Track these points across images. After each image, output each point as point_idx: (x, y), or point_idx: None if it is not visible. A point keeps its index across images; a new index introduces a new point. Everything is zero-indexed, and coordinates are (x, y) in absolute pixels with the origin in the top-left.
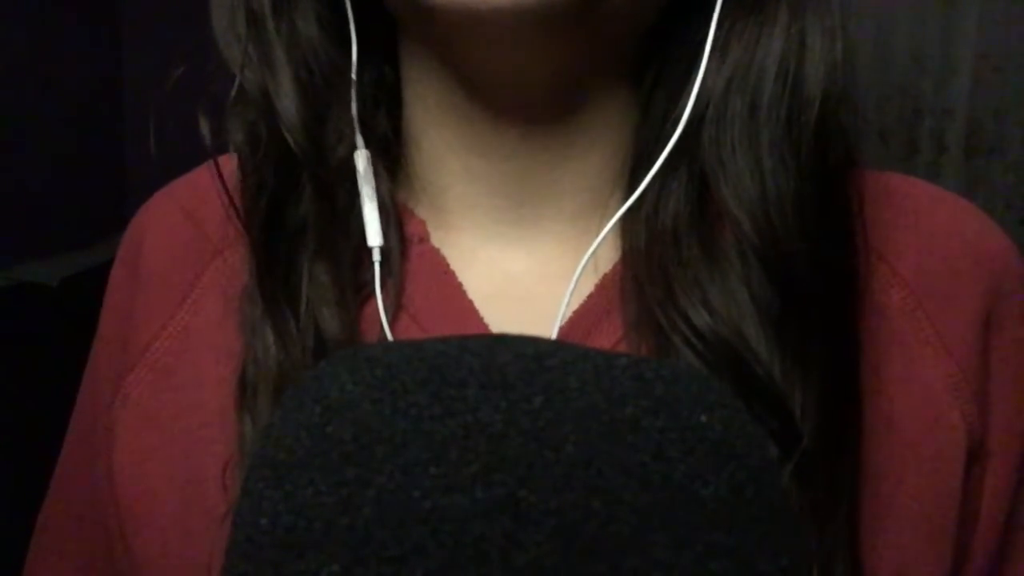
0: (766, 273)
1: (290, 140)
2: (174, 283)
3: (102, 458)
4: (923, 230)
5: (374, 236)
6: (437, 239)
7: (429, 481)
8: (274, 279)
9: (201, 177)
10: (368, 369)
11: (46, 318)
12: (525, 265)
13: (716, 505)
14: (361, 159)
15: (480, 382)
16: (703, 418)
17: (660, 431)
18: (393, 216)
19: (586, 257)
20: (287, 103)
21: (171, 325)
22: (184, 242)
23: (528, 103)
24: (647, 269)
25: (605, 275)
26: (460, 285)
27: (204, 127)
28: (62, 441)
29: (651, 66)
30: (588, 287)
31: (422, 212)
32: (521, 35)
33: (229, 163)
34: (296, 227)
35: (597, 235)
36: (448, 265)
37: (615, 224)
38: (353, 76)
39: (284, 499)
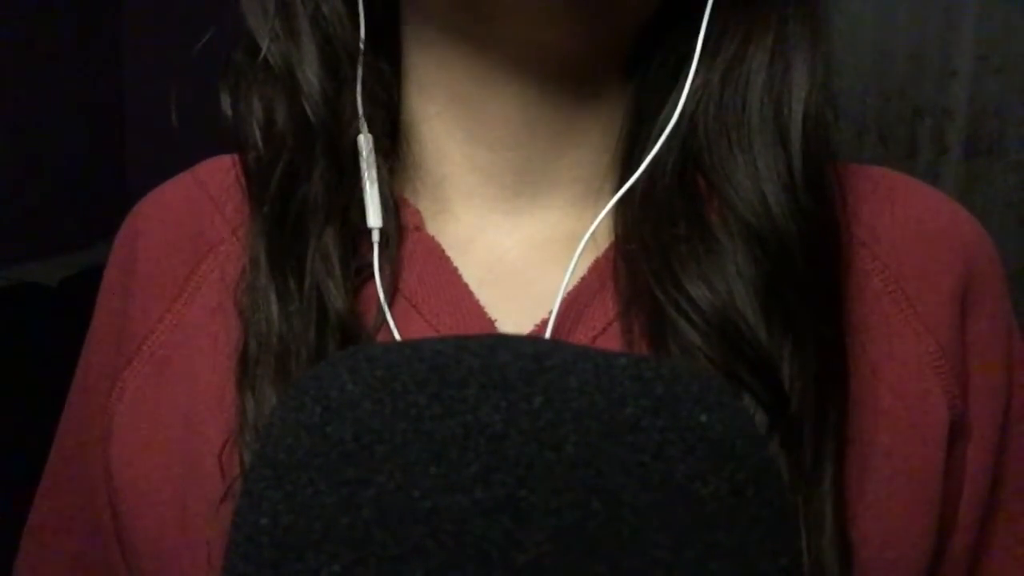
0: (756, 249)
1: (309, 111)
2: (170, 278)
3: (97, 452)
4: (899, 216)
5: (374, 218)
6: (433, 227)
7: (429, 481)
8: (282, 253)
9: (200, 172)
10: (368, 369)
11: (46, 318)
12: (520, 251)
13: (716, 505)
14: (364, 142)
15: (480, 382)
16: (703, 418)
17: (660, 431)
18: (390, 205)
19: (585, 237)
20: (310, 74)
21: (167, 318)
22: (179, 238)
23: (536, 91)
24: (642, 245)
25: (599, 257)
26: (456, 270)
27: (224, 102)
28: None
29: (640, 64)
30: (582, 269)
31: (418, 202)
32: (563, 12)
33: (220, 164)
34: (304, 201)
35: (591, 221)
36: (443, 251)
37: (608, 212)
38: (361, 52)
39: (284, 499)
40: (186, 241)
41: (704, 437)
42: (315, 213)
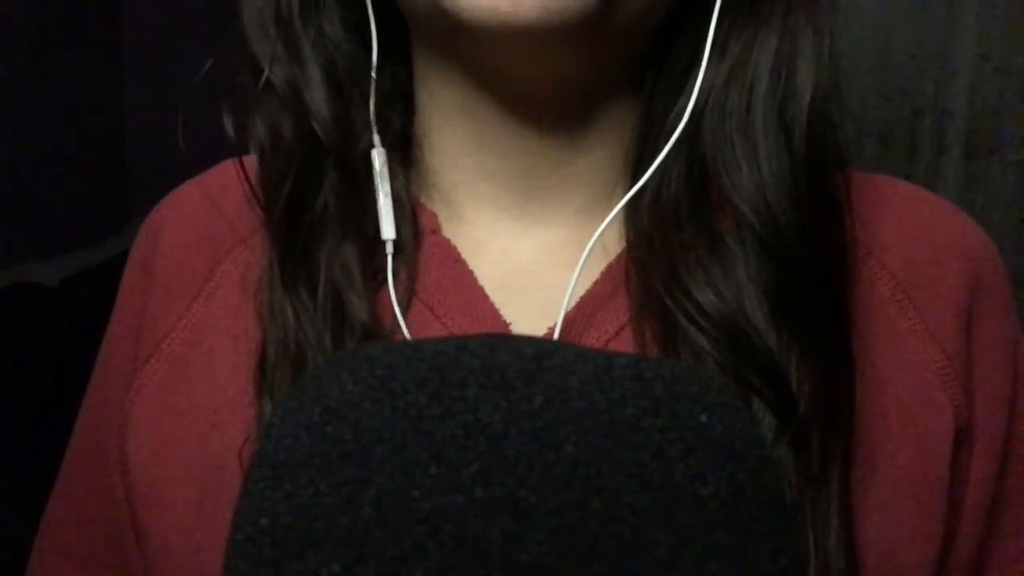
0: (763, 255)
1: (319, 130)
2: (189, 276)
3: (114, 450)
4: (907, 226)
5: (388, 229)
6: (448, 231)
7: (429, 481)
8: (295, 264)
9: (216, 175)
10: (368, 369)
11: (46, 318)
12: (533, 255)
13: (716, 505)
14: (377, 156)
15: (480, 382)
16: (703, 418)
17: (660, 431)
18: (407, 209)
19: (592, 241)
20: (316, 96)
21: (187, 317)
22: (200, 237)
23: (542, 105)
24: (652, 252)
25: (610, 262)
26: (471, 273)
27: (228, 123)
28: (62, 440)
29: (651, 67)
30: (595, 274)
31: (433, 206)
32: (545, 43)
33: (228, 177)
34: (317, 215)
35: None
36: (459, 254)
37: (621, 214)
38: (373, 73)
39: (284, 499)
40: (205, 242)
41: (704, 437)
42: (330, 225)
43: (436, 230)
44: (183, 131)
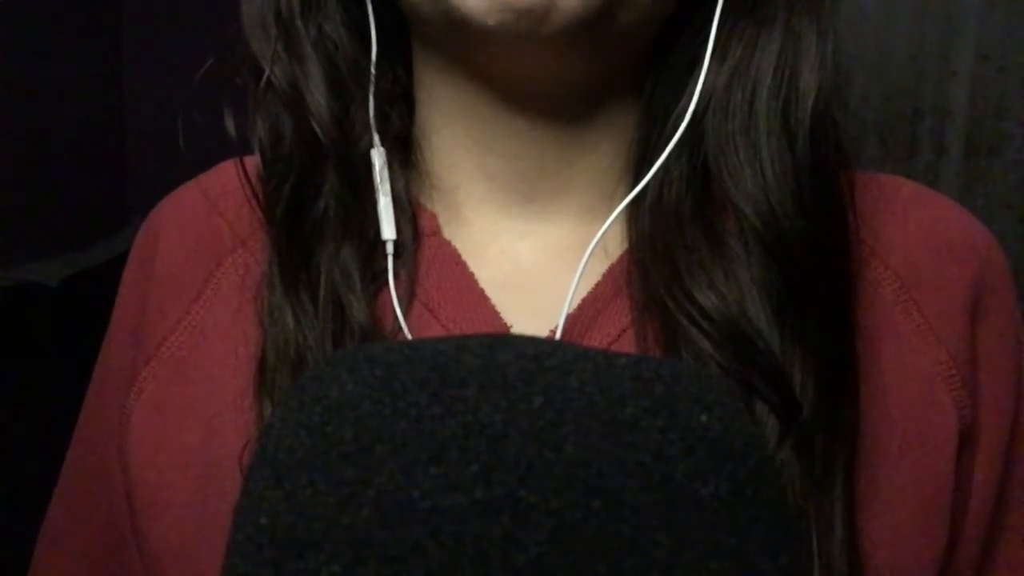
0: (766, 257)
1: (319, 131)
2: (189, 278)
3: (114, 453)
4: (911, 226)
5: (388, 230)
6: (448, 232)
7: (429, 481)
8: (294, 266)
9: (216, 176)
10: (368, 369)
11: (46, 318)
12: (534, 257)
13: (716, 505)
14: (377, 157)
15: (480, 382)
16: (703, 418)
17: (660, 431)
18: (407, 210)
19: (593, 243)
20: (317, 96)
21: (186, 320)
22: (200, 238)
23: (544, 105)
24: (653, 254)
25: (612, 264)
26: (472, 275)
27: (229, 123)
28: (62, 441)
29: (652, 68)
30: (596, 276)
31: (434, 207)
32: (547, 42)
33: (228, 180)
34: (316, 216)
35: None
36: (460, 256)
37: (623, 215)
38: (373, 70)
39: (284, 499)
40: (205, 244)
41: (704, 437)
42: (330, 227)
43: (436, 231)
44: (184, 131)
